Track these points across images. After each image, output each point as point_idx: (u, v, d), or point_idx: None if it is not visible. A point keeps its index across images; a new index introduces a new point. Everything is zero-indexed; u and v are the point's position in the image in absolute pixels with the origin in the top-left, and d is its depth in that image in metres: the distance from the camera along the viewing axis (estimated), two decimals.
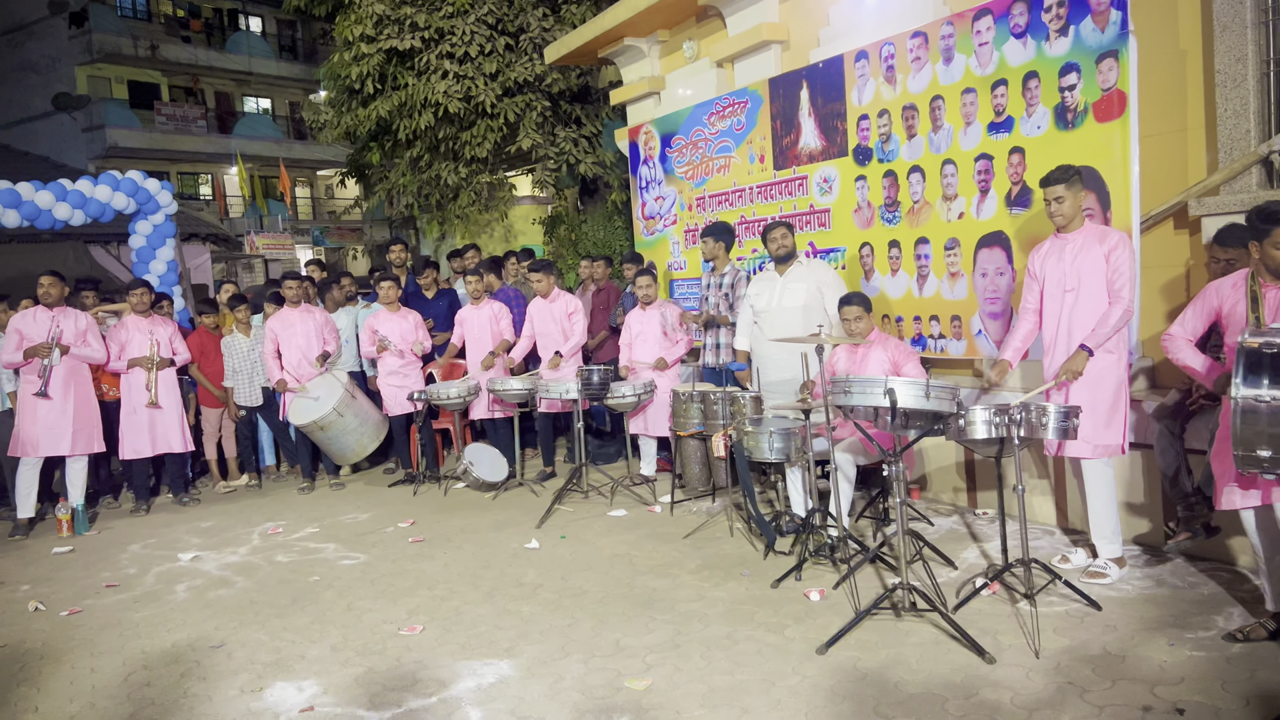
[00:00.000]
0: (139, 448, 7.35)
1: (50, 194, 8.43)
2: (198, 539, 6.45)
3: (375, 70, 11.94)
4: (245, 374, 8.01)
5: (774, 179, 7.22)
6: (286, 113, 32.77)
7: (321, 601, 4.92)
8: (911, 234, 6.14)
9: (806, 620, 4.17)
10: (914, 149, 6.05)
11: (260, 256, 22.98)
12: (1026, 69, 5.30)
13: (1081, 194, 4.50)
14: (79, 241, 12.81)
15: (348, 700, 3.68)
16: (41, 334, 6.84)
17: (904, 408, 3.91)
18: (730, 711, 3.35)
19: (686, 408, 6.18)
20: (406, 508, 6.97)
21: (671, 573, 5.00)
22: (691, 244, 8.22)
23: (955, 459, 5.97)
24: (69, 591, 5.42)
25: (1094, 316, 4.41)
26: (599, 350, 8.24)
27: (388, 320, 7.85)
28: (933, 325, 6.07)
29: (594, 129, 12.51)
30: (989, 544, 5.15)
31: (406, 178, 13.06)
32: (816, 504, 5.04)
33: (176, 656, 4.27)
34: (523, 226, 17.23)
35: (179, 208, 9.95)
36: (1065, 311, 4.50)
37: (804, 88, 6.83)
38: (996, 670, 3.54)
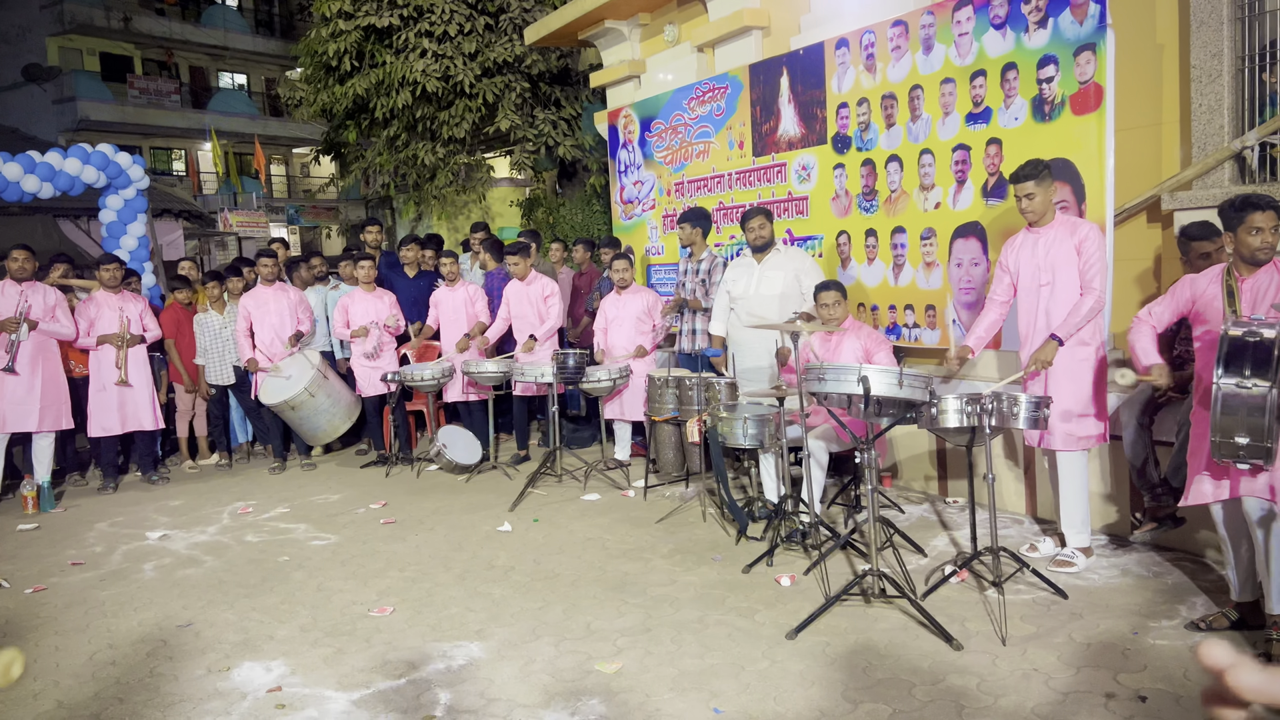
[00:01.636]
0: (108, 425, 7.27)
1: (18, 166, 8.28)
2: (166, 518, 6.39)
3: (353, 47, 11.82)
4: (216, 352, 7.93)
5: (753, 165, 7.22)
6: (262, 89, 32.36)
7: (291, 582, 4.89)
8: (888, 223, 6.16)
9: (777, 605, 4.19)
10: (892, 138, 6.06)
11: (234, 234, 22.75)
12: (1005, 60, 5.31)
13: (1052, 188, 4.52)
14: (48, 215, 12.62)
15: (316, 681, 3.66)
16: (9, 309, 6.73)
17: (877, 395, 3.93)
18: (700, 695, 3.37)
19: (662, 393, 6.18)
20: (378, 489, 6.93)
21: (644, 557, 5.01)
22: (669, 229, 8.20)
23: (927, 447, 6.01)
24: (34, 569, 5.36)
25: (1068, 309, 4.44)
26: (582, 336, 8.22)
27: (363, 300, 7.79)
28: (907, 314, 6.10)
29: (573, 111, 12.45)
30: (959, 532, 5.19)
31: (383, 157, 12.95)
32: (789, 490, 5.06)
33: (143, 635, 4.23)
34: (500, 209, 17.14)
35: (151, 183, 9.82)
36: (1041, 305, 4.53)
37: (784, 74, 6.82)
38: (964, 657, 3.57)
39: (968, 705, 3.19)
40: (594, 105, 11.38)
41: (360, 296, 7.81)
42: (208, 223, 20.29)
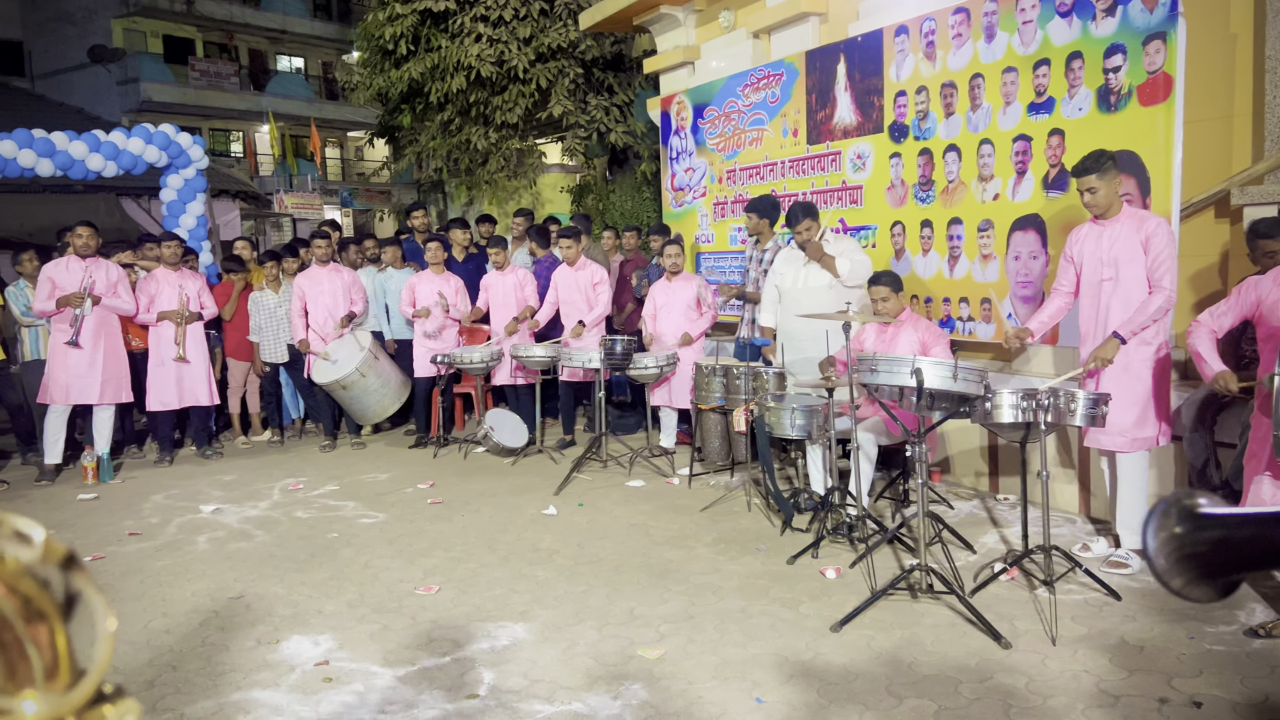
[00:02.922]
0: (165, 400, 7.42)
1: (84, 144, 8.47)
2: (219, 492, 6.52)
3: (409, 31, 11.90)
4: (271, 330, 8.06)
5: (807, 153, 7.14)
6: (319, 72, 32.75)
7: (340, 558, 4.96)
8: (945, 214, 6.06)
9: (821, 597, 4.16)
10: (951, 127, 5.96)
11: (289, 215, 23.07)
12: (1070, 49, 5.19)
13: (1117, 180, 4.38)
14: (110, 194, 12.89)
15: (362, 656, 3.71)
16: (74, 284, 6.89)
17: (930, 388, 3.87)
18: (742, 684, 3.35)
19: (709, 381, 6.15)
20: (426, 469, 7.00)
21: (687, 544, 5.00)
22: (720, 217, 8.16)
23: (979, 443, 5.92)
24: (92, 538, 5.49)
25: (1131, 306, 4.32)
26: (626, 322, 8.22)
27: (429, 281, 7.85)
28: (962, 307, 6.00)
29: (626, 98, 12.43)
30: (1009, 530, 5.11)
31: (436, 141, 13.04)
32: (836, 482, 5.01)
33: (196, 606, 4.32)
34: (550, 195, 17.18)
35: (210, 164, 9.98)
36: (1102, 301, 4.42)
37: (841, 62, 6.73)
38: (1012, 655, 3.51)
39: (1015, 705, 3.14)
40: (647, 92, 11.34)
41: (427, 278, 7.89)
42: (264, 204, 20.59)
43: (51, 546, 0.60)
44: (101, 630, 0.60)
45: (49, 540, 0.60)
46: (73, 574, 0.61)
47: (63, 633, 0.61)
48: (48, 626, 0.60)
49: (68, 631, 0.61)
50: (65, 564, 0.61)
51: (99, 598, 0.61)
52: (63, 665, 0.61)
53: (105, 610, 0.60)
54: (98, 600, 0.61)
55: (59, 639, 0.61)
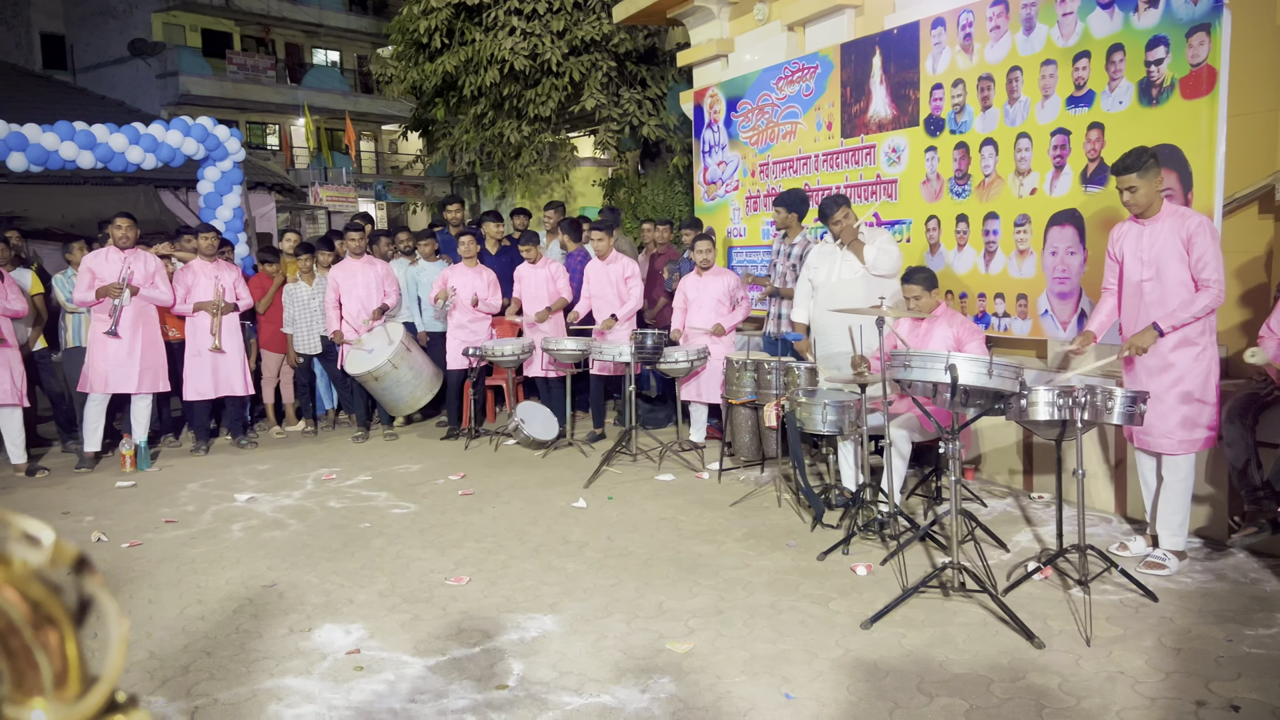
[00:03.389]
0: (201, 389, 7.52)
1: (124, 137, 8.59)
2: (254, 481, 6.59)
3: (443, 24, 11.94)
4: (304, 322, 8.13)
5: (841, 147, 7.09)
6: (354, 66, 33.00)
7: (371, 548, 5.00)
8: (981, 208, 5.99)
9: (852, 594, 4.14)
10: (988, 121, 5.89)
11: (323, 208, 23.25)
12: (1111, 41, 5.11)
13: (1158, 179, 4.28)
14: (149, 186, 13.06)
15: (393, 646, 3.74)
16: (113, 274, 6.99)
17: (965, 385, 3.83)
18: (771, 680, 3.34)
19: (740, 376, 6.13)
20: (457, 461, 7.04)
21: (717, 539, 4.99)
22: (752, 211, 8.12)
23: (1013, 440, 5.85)
24: (130, 525, 5.58)
25: (1172, 305, 4.24)
26: (658, 316, 8.21)
27: (463, 274, 7.89)
28: (998, 303, 5.93)
29: (659, 91, 12.39)
30: (1043, 528, 5.05)
31: (469, 134, 13.08)
32: (867, 479, 4.98)
33: (230, 593, 4.37)
34: (582, 188, 17.21)
35: (246, 156, 10.08)
36: (1144, 300, 4.34)
37: (877, 54, 6.67)
38: (1045, 655, 3.47)
39: (1048, 705, 3.11)
40: (679, 85, 11.30)
41: (460, 271, 7.92)
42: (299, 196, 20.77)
43: (61, 549, 0.58)
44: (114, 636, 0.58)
45: (59, 542, 0.58)
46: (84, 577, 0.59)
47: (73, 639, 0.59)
48: (58, 632, 0.58)
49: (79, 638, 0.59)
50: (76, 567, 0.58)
51: (112, 602, 0.59)
52: (73, 673, 0.59)
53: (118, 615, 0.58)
54: (110, 605, 0.58)
55: (69, 646, 0.59)
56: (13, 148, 8.05)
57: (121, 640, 0.58)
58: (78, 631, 0.59)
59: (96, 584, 0.59)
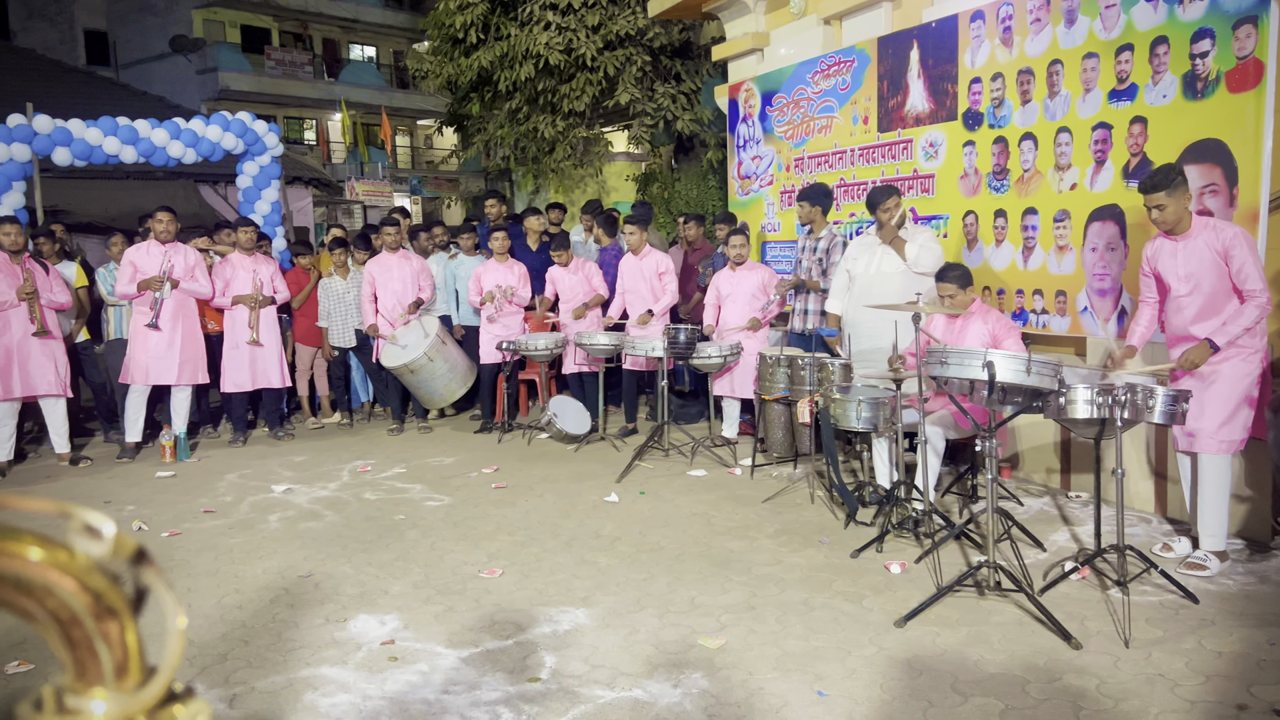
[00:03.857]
0: (239, 381, 7.62)
1: (165, 132, 8.71)
2: (290, 472, 6.67)
3: (479, 19, 11.99)
4: (340, 315, 8.21)
5: (878, 141, 7.03)
6: (390, 61, 33.22)
7: (406, 540, 5.04)
8: (1019, 204, 5.91)
9: (886, 592, 4.11)
10: (1027, 115, 5.81)
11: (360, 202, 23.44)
12: (1155, 34, 5.01)
13: (1186, 195, 4.23)
14: (189, 180, 13.23)
15: (427, 637, 3.76)
16: (154, 268, 7.09)
17: (1002, 382, 3.79)
18: (803, 677, 3.33)
19: (773, 371, 6.10)
20: (491, 454, 7.08)
21: (749, 535, 4.97)
22: (787, 205, 8.08)
23: (1051, 438, 5.78)
24: (169, 514, 5.66)
25: (1214, 317, 4.19)
26: (692, 312, 8.20)
27: (495, 270, 7.93)
28: (1036, 299, 5.86)
29: (693, 85, 12.37)
30: (1081, 528, 4.99)
31: (504, 129, 13.13)
32: (902, 476, 4.94)
33: (267, 583, 4.43)
34: (616, 183, 17.20)
35: (284, 151, 10.19)
36: (1186, 314, 4.30)
37: (914, 48, 6.61)
38: (1082, 656, 3.43)
39: (1086, 707, 3.07)
40: (714, 79, 11.27)
41: (493, 267, 7.96)
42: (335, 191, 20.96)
43: (122, 541, 0.59)
44: (172, 627, 0.59)
45: (119, 535, 0.59)
46: (143, 569, 0.60)
47: (133, 629, 0.60)
48: (118, 623, 0.59)
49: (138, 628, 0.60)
50: (135, 559, 0.59)
51: (169, 594, 0.59)
52: (133, 663, 0.60)
53: (176, 606, 0.59)
54: (168, 596, 0.59)
55: (129, 636, 0.59)
56: (57, 143, 8.19)
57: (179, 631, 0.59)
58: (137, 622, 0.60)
59: (154, 576, 0.60)
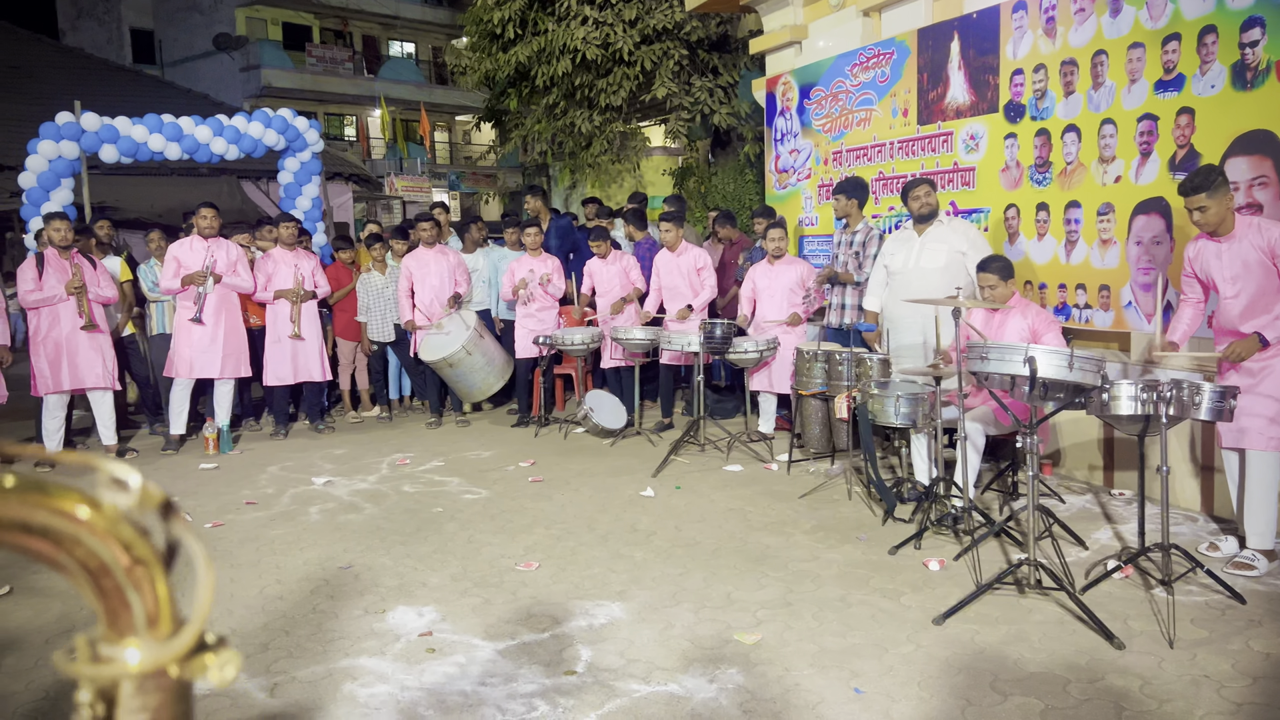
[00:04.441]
0: (281, 375, 7.72)
1: (209, 129, 8.84)
2: (331, 465, 6.75)
3: (517, 15, 12.01)
4: (379, 310, 8.28)
5: (917, 134, 6.96)
6: (429, 57, 33.45)
7: (444, 532, 5.08)
8: (1062, 197, 5.83)
9: (924, 589, 4.07)
10: (1071, 107, 5.72)
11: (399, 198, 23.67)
12: (1203, 22, 4.91)
13: (1228, 196, 4.14)
14: (232, 176, 13.42)
15: (464, 629, 3.79)
16: (197, 263, 7.20)
17: (1044, 378, 3.73)
18: (840, 673, 3.31)
19: (810, 367, 6.07)
20: (527, 448, 7.11)
21: (785, 531, 4.95)
22: (825, 199, 8.02)
23: (1093, 435, 5.70)
24: (213, 505, 5.76)
25: (1264, 314, 4.11)
26: (729, 306, 8.18)
27: (528, 264, 7.96)
28: (1079, 294, 5.77)
29: (730, 79, 12.30)
30: (1124, 526, 4.91)
31: (541, 124, 13.15)
32: (941, 473, 4.89)
33: (308, 574, 4.48)
34: (653, 177, 17.19)
35: (325, 147, 10.30)
36: (1233, 313, 4.22)
37: (955, 39, 6.53)
38: (1125, 656, 3.38)
39: (1128, 708, 3.02)
40: (752, 72, 11.21)
41: (527, 261, 8.00)
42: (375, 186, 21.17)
43: (148, 492, 0.59)
44: (202, 577, 0.60)
45: (145, 485, 0.59)
46: (171, 520, 0.60)
47: (163, 580, 0.60)
48: (148, 573, 0.59)
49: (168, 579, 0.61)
50: (163, 510, 0.60)
51: (198, 545, 0.60)
52: (164, 613, 0.60)
53: (205, 557, 0.59)
54: (197, 547, 0.60)
55: (159, 586, 0.60)
56: (104, 140, 8.34)
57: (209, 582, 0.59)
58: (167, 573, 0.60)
59: (183, 527, 0.60)
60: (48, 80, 16.77)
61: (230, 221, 8.72)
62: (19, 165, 8.45)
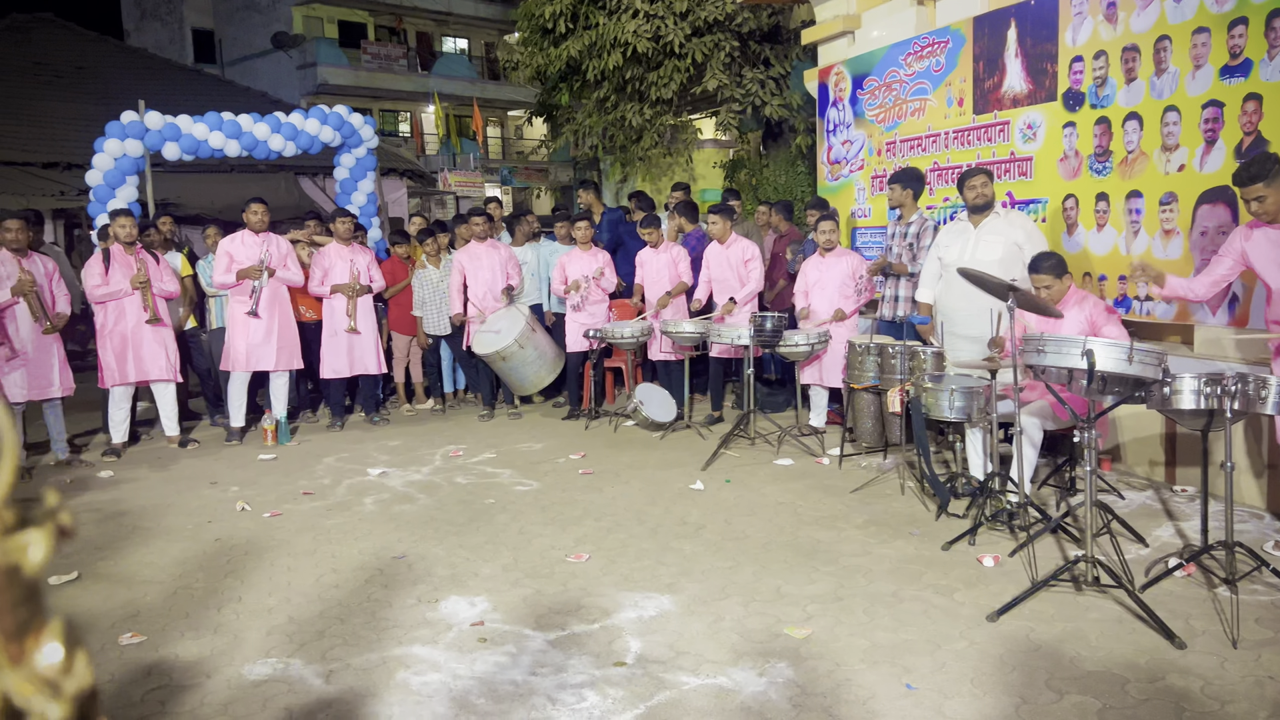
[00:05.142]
0: (337, 368, 7.85)
1: (266, 126, 9.01)
2: (386, 456, 6.85)
3: (568, 9, 12.05)
4: (434, 304, 8.37)
5: (973, 124, 6.85)
6: (482, 53, 33.69)
7: (496, 523, 5.13)
8: (1123, 186, 5.70)
9: (978, 585, 4.02)
10: (1132, 94, 5.58)
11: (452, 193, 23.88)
12: (1272, 5, 4.76)
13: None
14: (290, 172, 13.65)
15: (515, 619, 3.83)
16: (248, 257, 7.33)
17: (1103, 371, 3.65)
18: (891, 669, 3.28)
19: (862, 360, 6.01)
20: (578, 440, 7.15)
21: (837, 525, 4.92)
22: (878, 190, 7.94)
23: (1155, 430, 5.57)
24: (271, 496, 5.88)
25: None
26: (777, 299, 8.14)
27: (579, 259, 7.99)
28: (1140, 286, 5.64)
29: (782, 70, 12.21)
30: (1186, 523, 4.79)
31: (593, 118, 13.18)
32: (996, 468, 4.82)
33: (362, 564, 4.56)
34: (704, 170, 17.13)
35: (379, 143, 10.44)
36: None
37: (1012, 26, 6.41)
38: (1186, 656, 3.30)
39: (1189, 709, 2.95)
40: (804, 63, 11.11)
41: (577, 255, 8.03)
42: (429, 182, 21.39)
43: None
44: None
45: None
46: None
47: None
48: None
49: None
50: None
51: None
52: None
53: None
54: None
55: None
56: (167, 138, 8.54)
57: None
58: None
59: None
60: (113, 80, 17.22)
61: (289, 217, 8.89)
62: (86, 163, 8.69)
